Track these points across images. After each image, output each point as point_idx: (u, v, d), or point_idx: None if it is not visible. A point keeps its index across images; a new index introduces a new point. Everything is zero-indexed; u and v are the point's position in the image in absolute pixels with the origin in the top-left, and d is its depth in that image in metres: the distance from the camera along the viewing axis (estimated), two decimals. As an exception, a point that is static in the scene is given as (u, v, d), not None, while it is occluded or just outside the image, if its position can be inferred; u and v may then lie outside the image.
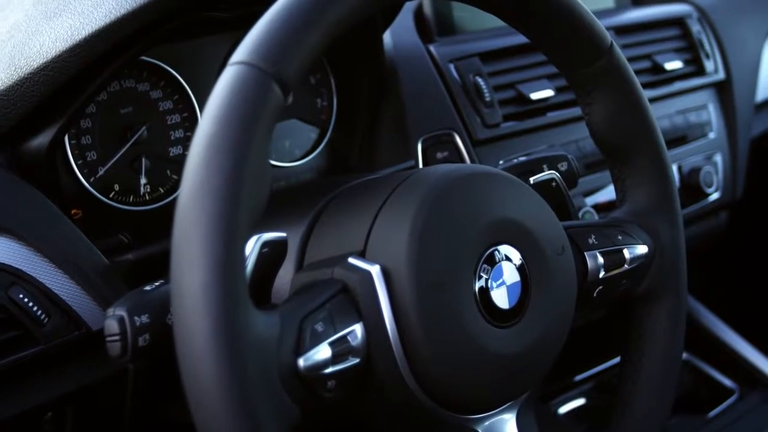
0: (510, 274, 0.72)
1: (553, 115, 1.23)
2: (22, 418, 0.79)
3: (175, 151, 0.98)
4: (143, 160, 0.96)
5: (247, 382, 0.56)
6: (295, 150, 1.10)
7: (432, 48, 1.18)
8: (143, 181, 0.96)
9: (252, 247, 0.68)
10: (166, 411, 0.87)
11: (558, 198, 0.87)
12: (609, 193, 1.25)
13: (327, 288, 0.68)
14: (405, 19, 1.21)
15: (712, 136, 1.45)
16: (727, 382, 1.46)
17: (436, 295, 0.67)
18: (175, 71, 0.98)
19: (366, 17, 0.65)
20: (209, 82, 0.99)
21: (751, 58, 1.56)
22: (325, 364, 0.63)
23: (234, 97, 0.58)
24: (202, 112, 0.79)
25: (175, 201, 0.63)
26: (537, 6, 0.77)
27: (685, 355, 1.49)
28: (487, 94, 1.16)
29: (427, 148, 1.10)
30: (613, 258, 0.82)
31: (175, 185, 0.98)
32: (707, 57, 1.46)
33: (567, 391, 1.40)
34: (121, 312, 0.68)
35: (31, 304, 0.78)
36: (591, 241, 0.82)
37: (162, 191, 0.97)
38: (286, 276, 0.76)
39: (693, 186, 1.38)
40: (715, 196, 1.42)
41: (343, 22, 0.63)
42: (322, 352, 0.63)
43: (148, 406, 0.86)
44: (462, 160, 1.12)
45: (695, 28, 1.47)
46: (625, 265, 0.83)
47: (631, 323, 0.87)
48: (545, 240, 0.75)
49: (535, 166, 0.93)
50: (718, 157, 1.45)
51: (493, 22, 0.79)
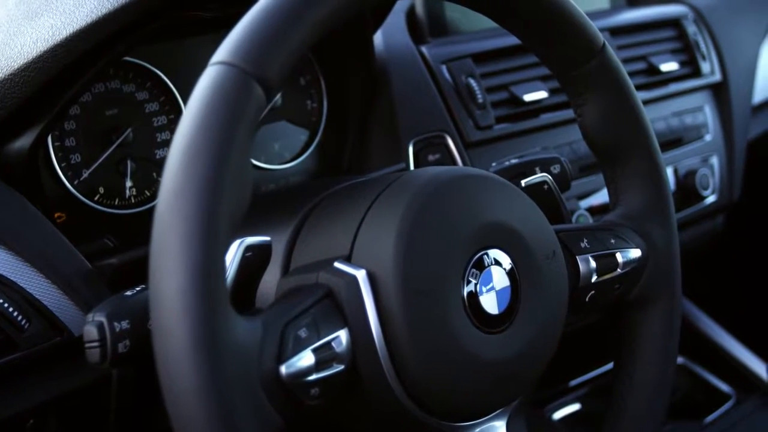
0: (499, 278, 0.71)
1: (546, 117, 1.22)
2: (3, 425, 0.78)
3: (161, 153, 0.97)
4: (129, 162, 0.94)
5: (227, 389, 0.55)
6: (285, 152, 1.08)
7: (424, 49, 1.17)
8: (129, 183, 0.94)
9: (235, 251, 0.67)
10: (152, 417, 0.86)
11: (550, 201, 0.85)
12: (603, 196, 1.24)
13: (312, 293, 0.66)
14: (397, 19, 1.20)
15: (708, 138, 1.44)
16: (723, 386, 1.46)
17: (423, 301, 0.66)
18: (162, 72, 0.96)
19: (351, 17, 0.64)
20: (196, 83, 0.97)
21: (747, 59, 1.55)
22: (309, 371, 0.62)
23: (214, 98, 0.57)
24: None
25: None
26: (528, 6, 0.76)
27: (681, 359, 1.49)
28: (479, 96, 1.15)
29: (418, 150, 1.09)
30: (606, 262, 0.81)
31: (162, 188, 0.96)
32: (703, 58, 1.45)
33: (562, 397, 1.39)
34: (100, 318, 0.67)
35: (11, 309, 0.76)
36: (583, 244, 0.81)
37: (148, 194, 0.96)
38: (271, 281, 0.75)
39: (689, 189, 1.37)
40: (711, 199, 1.41)
41: (328, 22, 0.62)
42: (306, 358, 0.62)
43: (133, 412, 0.85)
44: (454, 163, 1.11)
45: (691, 29, 1.46)
46: (618, 270, 0.82)
47: (624, 328, 0.86)
48: (535, 244, 0.74)
49: (526, 169, 0.91)
50: (715, 160, 1.44)
51: (486, 22, 0.78)
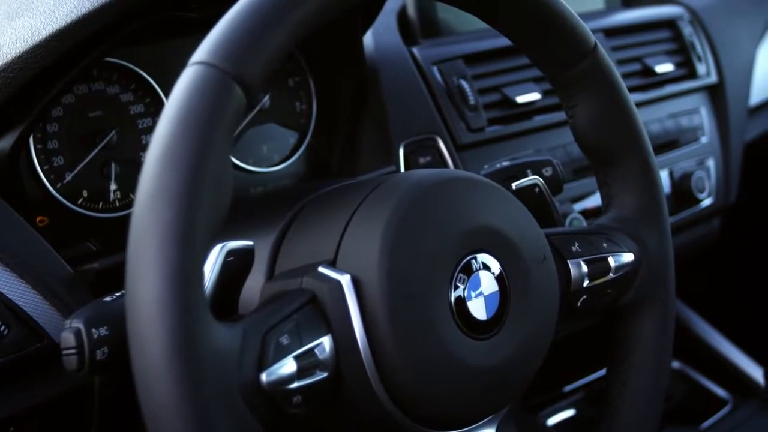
0: (488, 283, 0.69)
1: (539, 119, 1.21)
2: (-17, 433, 0.77)
3: (146, 156, 0.95)
4: (113, 165, 0.93)
5: (205, 398, 0.53)
6: (273, 155, 1.07)
7: (415, 50, 1.16)
8: (113, 187, 0.93)
9: (216, 255, 0.66)
10: (135, 425, 0.84)
11: (541, 204, 0.84)
12: (598, 199, 1.23)
13: (295, 298, 0.65)
14: (388, 20, 1.19)
15: (704, 140, 1.43)
16: (720, 392, 1.45)
17: (409, 306, 0.65)
18: (147, 74, 0.95)
19: (335, 16, 0.63)
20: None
21: (744, 60, 1.54)
22: (290, 378, 0.61)
23: (191, 100, 0.56)
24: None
25: None
26: (518, 6, 0.75)
27: (677, 364, 1.48)
28: (471, 98, 1.14)
29: (409, 153, 1.08)
30: (598, 266, 0.80)
31: (147, 191, 0.95)
32: (699, 60, 1.44)
33: (556, 402, 1.38)
34: (77, 324, 0.66)
35: (-11, 315, 0.75)
36: (574, 248, 0.79)
37: (133, 197, 0.95)
38: (256, 286, 0.73)
39: (684, 191, 1.36)
40: (707, 202, 1.40)
41: (311, 21, 0.61)
42: (287, 366, 0.61)
43: (117, 419, 0.83)
44: (445, 166, 1.10)
45: (687, 30, 1.45)
46: (611, 274, 0.80)
47: (617, 333, 0.85)
48: (525, 248, 0.72)
49: (518, 172, 0.90)
50: (711, 162, 1.43)
51: (479, 23, 0.77)
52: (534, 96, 1.20)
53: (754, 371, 1.44)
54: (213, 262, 0.65)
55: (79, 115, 0.91)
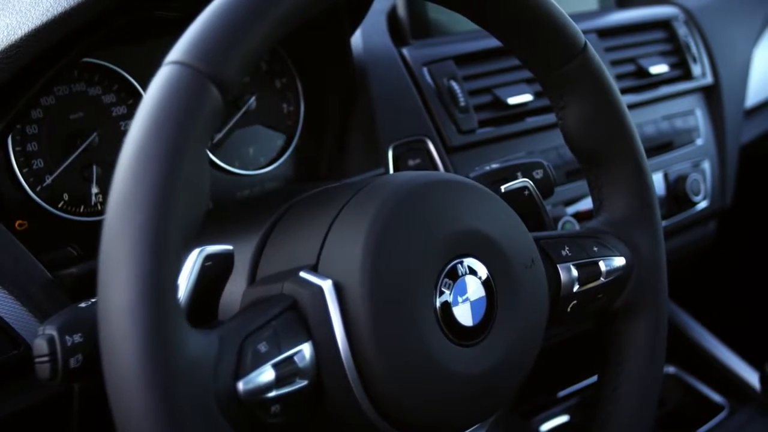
0: (474, 289, 0.68)
1: (532, 121, 1.20)
2: (-42, 443, 0.75)
3: None
4: (94, 167, 0.91)
5: (178, 408, 0.52)
6: (260, 157, 1.05)
7: (405, 51, 1.14)
8: (95, 190, 0.91)
9: (194, 260, 0.64)
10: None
11: (531, 207, 0.83)
12: (591, 202, 1.21)
13: (274, 304, 0.63)
14: (377, 21, 1.17)
15: (699, 142, 1.41)
16: (716, 397, 1.43)
17: (392, 312, 0.63)
18: (130, 75, 0.94)
19: (314, 14, 0.61)
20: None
21: (740, 61, 1.52)
22: (268, 387, 0.59)
23: (165, 100, 0.54)
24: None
25: None
26: (506, 5, 0.73)
27: (672, 368, 1.47)
28: (461, 99, 1.12)
29: (398, 155, 1.06)
30: (588, 271, 0.78)
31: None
32: (694, 60, 1.42)
33: (549, 408, 1.37)
34: (51, 331, 0.64)
35: (-36, 322, 0.73)
36: (564, 252, 0.78)
37: (115, 201, 0.92)
38: (238, 292, 0.72)
39: (679, 194, 1.34)
40: (702, 205, 1.39)
41: (289, 20, 0.59)
42: (265, 374, 0.59)
43: (96, 428, 0.82)
44: (435, 168, 1.08)
45: (682, 30, 1.43)
46: (601, 278, 0.79)
47: (608, 339, 0.83)
48: (513, 252, 0.71)
49: (508, 174, 0.89)
50: (706, 165, 1.41)
51: (471, 23, 0.75)
52: (526, 97, 1.18)
53: (750, 376, 1.42)
54: (190, 267, 0.64)
55: (59, 117, 0.89)
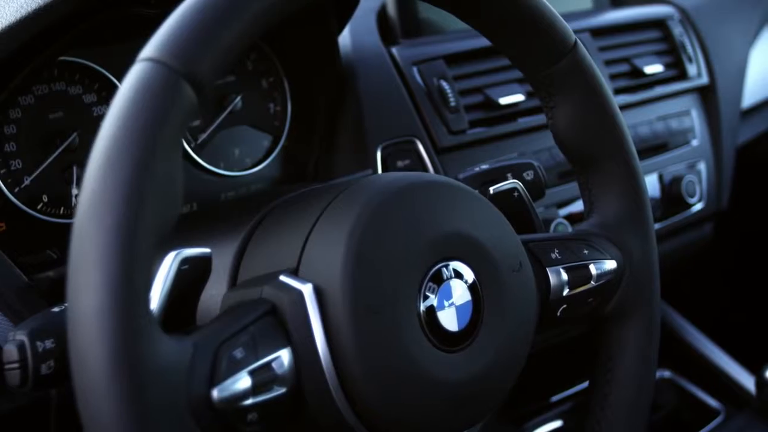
0: (460, 293, 0.66)
1: (523, 121, 1.18)
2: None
3: None
4: (75, 168, 0.90)
5: (149, 416, 0.50)
6: (246, 158, 1.04)
7: (394, 50, 1.13)
8: (75, 191, 0.90)
9: (169, 264, 0.62)
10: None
11: (520, 209, 0.81)
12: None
13: (253, 309, 0.62)
14: (367, 20, 1.16)
15: (695, 143, 1.40)
16: (711, 401, 1.42)
17: (374, 317, 0.61)
18: (111, 74, 0.92)
19: (292, 12, 0.60)
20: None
21: (736, 62, 1.50)
22: (245, 394, 0.57)
23: (137, 98, 0.53)
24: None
25: None
26: (494, 3, 0.71)
27: (667, 373, 1.45)
28: (452, 99, 1.10)
29: (387, 156, 1.05)
30: (578, 274, 0.76)
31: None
32: (690, 60, 1.41)
33: (542, 413, 1.35)
34: (21, 336, 0.63)
35: (-64, 327, 0.72)
36: (554, 255, 0.76)
37: (96, 203, 0.91)
38: (218, 296, 0.70)
39: (675, 196, 1.33)
40: (698, 207, 1.37)
41: (267, 17, 0.58)
42: (241, 381, 0.57)
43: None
44: (424, 169, 1.06)
45: (677, 30, 1.41)
46: (592, 282, 0.77)
47: (599, 344, 0.81)
48: (500, 255, 0.69)
49: (498, 175, 0.87)
50: (702, 166, 1.39)
51: (462, 22, 0.74)
52: (518, 97, 1.16)
53: (746, 380, 1.41)
54: (166, 271, 0.62)
55: (38, 117, 0.88)
